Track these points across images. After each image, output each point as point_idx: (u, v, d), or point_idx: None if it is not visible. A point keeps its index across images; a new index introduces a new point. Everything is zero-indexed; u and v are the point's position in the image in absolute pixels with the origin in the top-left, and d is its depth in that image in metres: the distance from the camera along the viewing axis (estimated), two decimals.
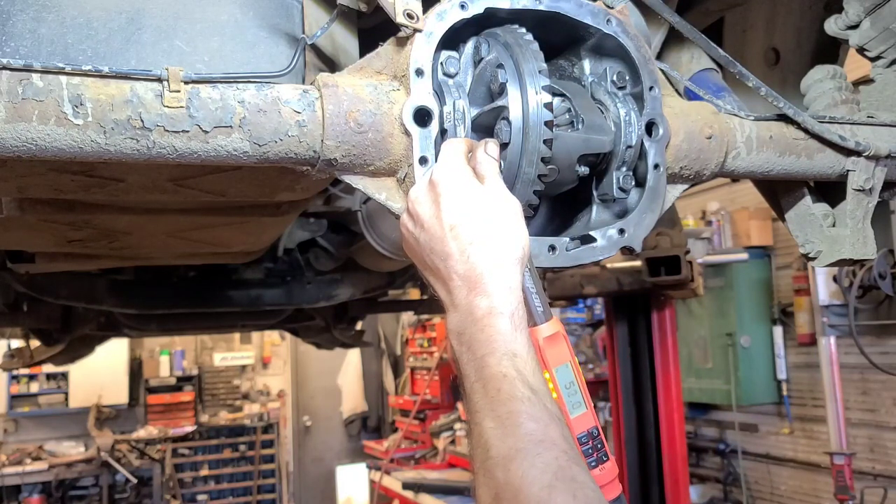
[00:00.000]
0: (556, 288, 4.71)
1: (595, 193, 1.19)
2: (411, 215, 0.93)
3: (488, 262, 0.86)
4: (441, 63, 1.03)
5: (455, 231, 0.88)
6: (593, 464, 0.89)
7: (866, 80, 1.50)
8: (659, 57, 1.44)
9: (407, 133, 0.99)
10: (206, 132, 0.94)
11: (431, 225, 0.89)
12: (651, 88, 1.14)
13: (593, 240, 1.13)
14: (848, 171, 1.36)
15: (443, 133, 1.01)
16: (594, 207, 1.20)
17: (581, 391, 0.91)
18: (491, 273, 0.86)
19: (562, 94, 1.09)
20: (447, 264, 0.87)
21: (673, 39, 1.49)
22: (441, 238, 0.88)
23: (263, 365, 10.75)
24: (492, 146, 0.95)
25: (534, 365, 0.83)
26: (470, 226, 0.88)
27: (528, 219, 1.10)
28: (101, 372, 8.82)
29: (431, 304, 4.99)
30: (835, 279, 5.61)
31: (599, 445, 0.90)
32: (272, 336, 10.53)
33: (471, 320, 0.85)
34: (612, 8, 1.13)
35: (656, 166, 1.16)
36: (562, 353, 0.91)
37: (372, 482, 7.85)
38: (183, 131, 0.93)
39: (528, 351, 0.84)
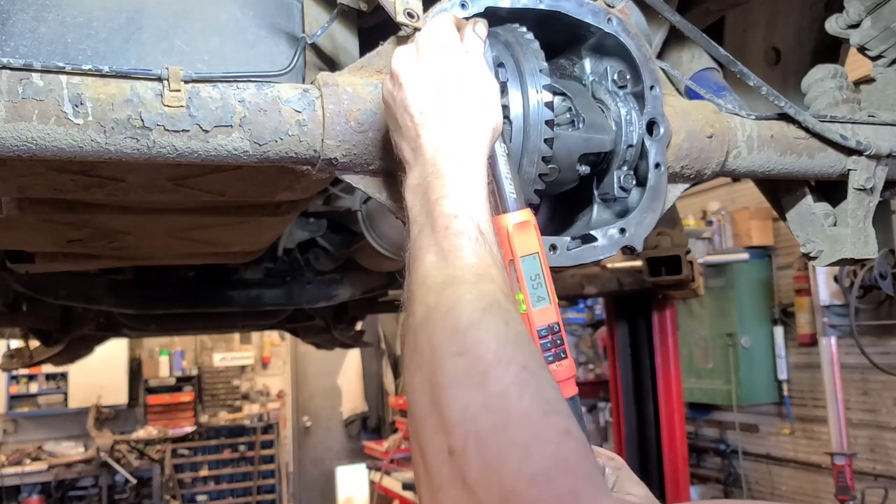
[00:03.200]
0: (557, 288, 4.68)
1: (596, 193, 1.19)
2: (392, 75, 0.90)
3: (462, 126, 0.85)
4: None
5: (433, 92, 0.86)
6: (551, 359, 0.86)
7: (867, 80, 1.50)
8: (660, 56, 1.43)
9: None
10: (206, 131, 0.94)
11: (410, 83, 0.87)
12: (652, 87, 1.14)
13: (594, 239, 1.13)
14: (849, 170, 1.36)
15: None
16: (595, 207, 1.20)
17: (546, 284, 0.89)
18: (462, 137, 0.84)
19: (562, 93, 1.09)
20: (418, 121, 0.85)
21: (674, 38, 1.48)
22: (417, 97, 0.86)
23: (263, 365, 10.74)
24: (480, 26, 0.94)
25: (488, 217, 0.81)
26: (448, 89, 0.86)
27: None
28: (101, 372, 8.82)
29: None
30: (835, 279, 5.60)
31: (559, 342, 0.88)
32: (272, 336, 10.52)
33: (432, 171, 0.82)
34: (612, 7, 1.13)
35: (657, 165, 1.15)
36: (531, 243, 0.88)
37: (372, 482, 7.85)
38: (183, 130, 0.93)
39: (486, 206, 0.82)
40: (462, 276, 0.74)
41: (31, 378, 9.05)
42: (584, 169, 1.12)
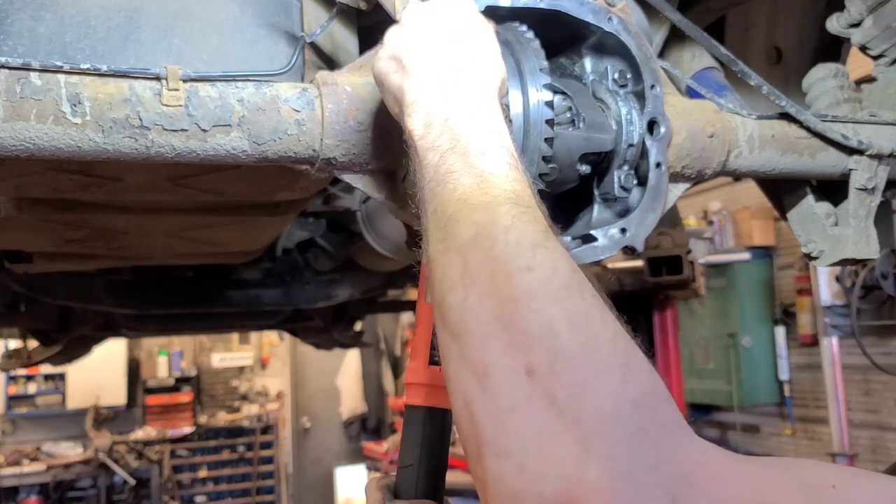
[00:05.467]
0: None
1: (596, 192, 1.18)
2: (401, 23, 0.87)
3: (473, 67, 0.82)
4: None
5: (445, 32, 0.84)
6: None
7: (868, 79, 1.50)
8: (660, 55, 1.43)
9: None
10: (204, 131, 0.93)
11: (418, 26, 0.85)
12: (653, 87, 1.13)
13: (594, 239, 1.12)
14: (850, 170, 1.36)
15: None
16: (595, 206, 1.19)
17: None
18: (477, 76, 0.82)
19: (563, 93, 1.09)
20: (430, 56, 0.82)
21: (675, 37, 1.48)
22: (427, 37, 0.84)
23: (262, 366, 10.73)
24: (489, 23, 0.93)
25: (516, 149, 0.77)
26: (459, 33, 0.84)
27: None
28: (99, 373, 8.80)
29: None
30: (837, 279, 5.61)
31: None
32: (271, 336, 10.51)
33: (451, 101, 0.78)
34: (613, 6, 1.13)
35: (658, 165, 1.15)
36: None
37: None
38: (181, 130, 0.92)
39: (511, 140, 0.78)
40: (512, 199, 0.70)
41: (29, 378, 9.05)
42: (585, 168, 1.12)
